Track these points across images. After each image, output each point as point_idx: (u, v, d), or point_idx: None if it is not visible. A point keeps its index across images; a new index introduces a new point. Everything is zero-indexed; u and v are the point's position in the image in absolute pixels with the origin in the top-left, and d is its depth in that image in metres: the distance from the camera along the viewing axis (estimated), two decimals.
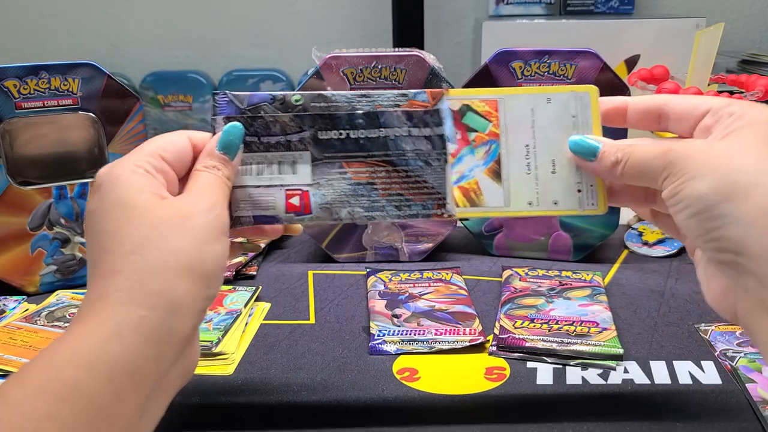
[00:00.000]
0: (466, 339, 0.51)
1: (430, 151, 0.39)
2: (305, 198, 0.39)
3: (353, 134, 0.39)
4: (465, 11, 1.04)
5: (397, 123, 0.39)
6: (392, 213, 0.39)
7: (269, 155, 0.39)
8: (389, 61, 0.63)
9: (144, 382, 0.30)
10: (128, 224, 0.33)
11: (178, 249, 0.32)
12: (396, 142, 0.39)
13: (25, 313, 0.57)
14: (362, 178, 0.39)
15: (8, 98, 0.57)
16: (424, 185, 0.39)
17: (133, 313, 0.31)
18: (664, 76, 0.79)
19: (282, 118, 0.39)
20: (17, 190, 0.60)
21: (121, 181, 0.34)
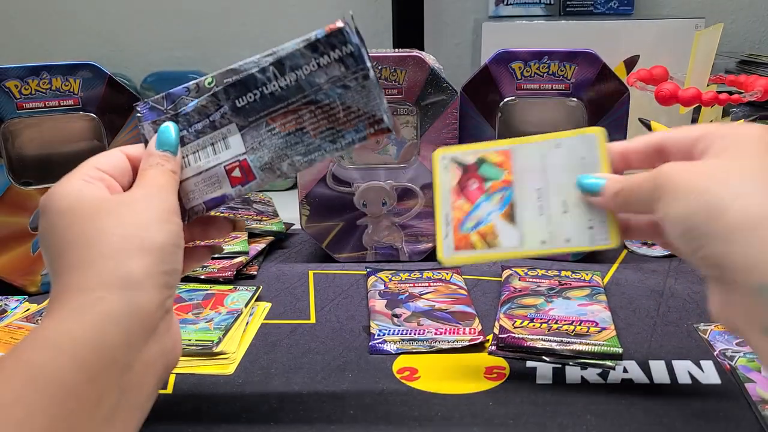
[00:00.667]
0: (466, 338, 0.51)
1: (345, 74, 0.38)
2: (245, 166, 0.40)
3: (267, 89, 0.39)
4: (465, 12, 1.04)
5: (303, 60, 0.38)
6: (329, 149, 0.39)
7: (201, 141, 0.40)
8: (389, 61, 0.63)
9: (112, 361, 0.31)
10: (75, 225, 0.34)
11: (124, 232, 0.34)
12: (309, 80, 0.38)
13: (26, 312, 0.57)
14: (291, 127, 0.39)
15: (9, 99, 0.58)
16: (350, 110, 0.38)
17: (91, 295, 0.32)
18: (663, 76, 0.79)
19: (200, 103, 0.40)
20: (18, 190, 0.60)
21: (62, 194, 0.35)
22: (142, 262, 0.33)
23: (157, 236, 0.34)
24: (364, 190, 0.66)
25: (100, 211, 0.34)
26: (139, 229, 0.34)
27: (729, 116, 0.81)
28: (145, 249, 0.34)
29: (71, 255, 0.33)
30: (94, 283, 0.32)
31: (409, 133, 0.66)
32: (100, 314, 0.31)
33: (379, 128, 0.38)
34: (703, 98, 0.70)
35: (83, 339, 0.30)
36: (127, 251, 0.33)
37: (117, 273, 0.32)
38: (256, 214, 0.80)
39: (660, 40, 0.81)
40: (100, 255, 0.33)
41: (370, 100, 0.38)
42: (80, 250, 0.33)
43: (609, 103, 0.63)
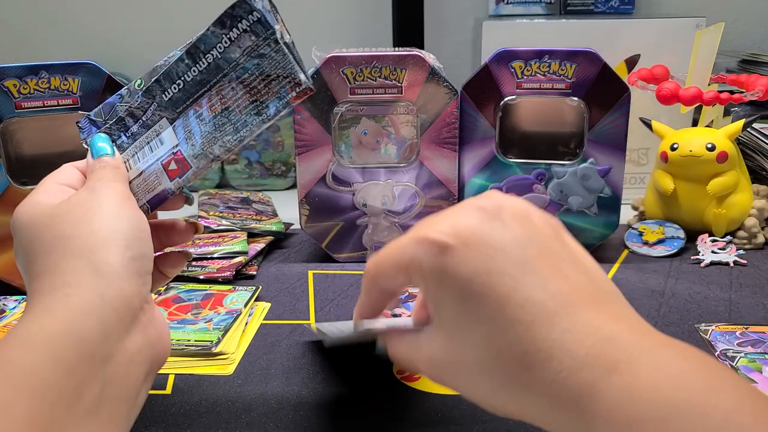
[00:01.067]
0: None
1: (257, 42, 0.37)
2: (179, 157, 0.40)
3: (188, 77, 0.39)
4: (465, 11, 1.04)
5: (215, 39, 0.38)
6: (256, 122, 0.38)
7: (138, 143, 0.41)
8: (389, 60, 0.63)
9: (89, 353, 0.31)
10: (36, 235, 0.35)
11: (80, 231, 0.34)
12: (225, 57, 0.38)
13: None
14: (216, 110, 0.39)
15: (8, 98, 0.57)
16: (269, 78, 0.38)
17: (60, 292, 0.32)
18: (664, 75, 0.79)
19: (132, 106, 0.40)
20: (17, 189, 0.60)
21: (23, 210, 0.37)
22: (107, 253, 0.33)
23: (114, 224, 0.35)
24: (364, 190, 0.66)
25: (54, 217, 0.35)
26: (94, 222, 0.35)
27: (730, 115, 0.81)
28: (107, 240, 0.34)
29: (37, 264, 0.34)
30: (61, 282, 0.32)
31: (409, 133, 0.66)
32: (72, 308, 0.31)
33: (300, 90, 0.37)
34: (704, 97, 0.70)
35: (57, 333, 0.30)
36: (89, 248, 0.33)
37: (83, 268, 0.33)
38: (255, 213, 0.79)
39: (661, 39, 0.81)
40: (63, 257, 0.33)
41: (286, 63, 0.37)
42: (44, 257, 0.34)
43: (610, 102, 0.63)
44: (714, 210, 0.69)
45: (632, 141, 0.68)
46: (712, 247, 0.68)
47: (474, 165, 0.67)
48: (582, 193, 0.65)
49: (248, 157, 0.95)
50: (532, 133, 0.68)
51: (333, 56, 0.63)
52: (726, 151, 0.67)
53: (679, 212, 0.71)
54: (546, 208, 0.66)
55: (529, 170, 0.66)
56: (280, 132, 0.93)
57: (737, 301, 0.58)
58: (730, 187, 0.69)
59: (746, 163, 0.73)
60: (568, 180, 0.65)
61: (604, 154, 0.64)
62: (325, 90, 0.64)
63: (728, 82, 0.82)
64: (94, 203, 0.36)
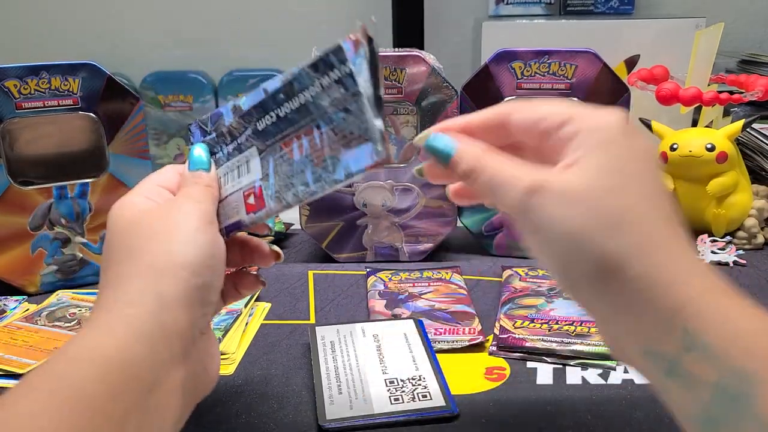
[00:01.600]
0: (466, 339, 0.51)
1: (345, 96, 0.35)
2: (259, 194, 0.38)
3: (281, 112, 0.37)
4: (465, 11, 1.04)
5: (308, 81, 0.36)
6: (329, 180, 0.36)
7: (230, 164, 0.39)
8: (389, 61, 0.63)
9: (137, 379, 0.30)
10: (116, 240, 0.35)
11: (160, 250, 0.34)
12: (315, 103, 0.36)
13: (25, 313, 0.57)
14: (298, 154, 0.37)
15: (9, 98, 0.58)
16: (352, 137, 0.35)
17: (121, 312, 0.32)
18: (664, 76, 0.79)
19: (232, 125, 0.39)
20: (18, 190, 0.60)
21: (116, 207, 0.37)
22: (173, 279, 0.33)
23: (188, 249, 0.34)
24: (364, 190, 0.66)
25: (137, 224, 0.35)
26: (168, 241, 0.34)
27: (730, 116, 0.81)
28: (176, 264, 0.33)
29: (111, 272, 0.34)
30: (125, 301, 0.32)
31: (409, 133, 0.66)
32: (128, 331, 0.31)
33: (377, 158, 0.34)
34: (703, 98, 0.70)
35: (109, 354, 0.30)
36: (158, 267, 0.33)
37: (148, 290, 0.32)
38: None
39: (660, 39, 0.81)
40: (133, 273, 0.33)
41: (370, 124, 0.34)
42: (117, 267, 0.34)
43: (609, 102, 0.63)
44: (714, 210, 0.69)
45: None
46: (711, 248, 0.68)
47: None
48: None
49: None
50: None
51: None
52: (726, 152, 0.67)
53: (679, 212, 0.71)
54: None
55: None
56: None
57: None
58: (729, 187, 0.69)
59: (746, 163, 0.73)
60: None
61: None
62: None
63: (728, 83, 0.82)
64: (175, 222, 0.35)
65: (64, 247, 0.62)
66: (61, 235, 0.62)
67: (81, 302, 0.59)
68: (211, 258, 0.35)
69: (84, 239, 0.63)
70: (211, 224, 0.36)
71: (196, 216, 0.36)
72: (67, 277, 0.63)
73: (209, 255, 0.35)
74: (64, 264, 0.63)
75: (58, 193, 0.61)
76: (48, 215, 0.61)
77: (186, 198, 0.37)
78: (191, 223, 0.35)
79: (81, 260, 0.63)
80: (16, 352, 0.50)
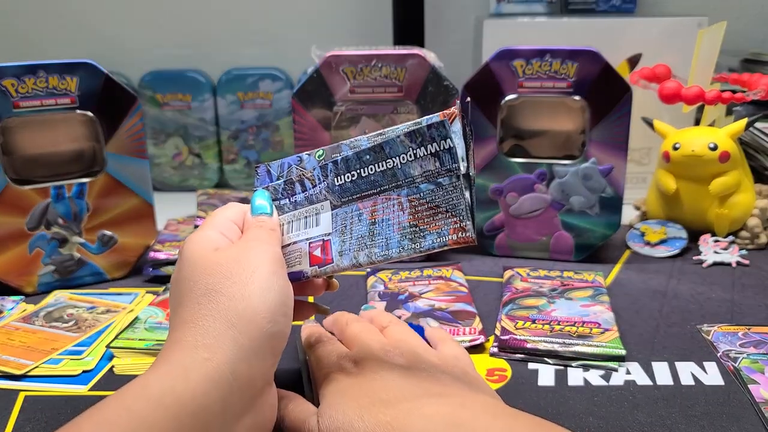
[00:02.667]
0: (467, 339, 0.50)
1: (439, 170, 0.36)
2: (327, 247, 0.38)
3: (363, 172, 0.38)
4: (466, 9, 1.03)
5: (402, 148, 0.37)
6: (407, 248, 0.36)
7: (297, 213, 0.40)
8: (389, 59, 0.62)
9: (207, 426, 0.30)
10: (193, 276, 0.35)
11: (236, 294, 0.34)
12: (404, 170, 0.37)
13: (23, 313, 0.57)
14: (378, 216, 0.37)
15: (6, 97, 0.57)
16: (438, 210, 0.36)
17: (199, 355, 0.32)
18: (666, 75, 0.78)
19: (305, 174, 0.39)
20: (15, 189, 0.59)
21: (191, 241, 0.37)
22: (250, 326, 0.33)
23: (266, 295, 0.34)
24: None
25: (215, 266, 0.35)
26: (248, 286, 0.34)
27: (732, 115, 0.80)
28: (254, 311, 0.33)
29: (186, 310, 0.34)
30: (203, 343, 0.32)
31: None
32: (204, 378, 0.31)
33: (461, 237, 0.35)
34: (706, 97, 0.70)
35: (187, 402, 0.30)
36: (236, 313, 0.33)
37: (225, 334, 0.32)
38: None
39: (663, 38, 0.81)
40: (210, 316, 0.33)
41: (459, 203, 0.35)
42: (194, 306, 0.34)
43: (611, 101, 0.62)
44: (716, 210, 0.69)
45: (634, 140, 0.67)
46: (714, 248, 0.67)
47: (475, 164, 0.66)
48: (583, 193, 0.65)
49: (247, 156, 0.94)
50: (534, 132, 0.68)
51: (333, 55, 0.62)
52: (728, 151, 0.67)
53: (682, 212, 0.71)
54: (547, 208, 0.66)
55: (531, 170, 0.65)
56: (280, 131, 0.93)
57: (740, 301, 0.58)
58: (732, 186, 0.68)
59: (749, 162, 0.73)
60: (570, 180, 0.65)
61: (605, 153, 0.64)
62: (325, 89, 0.64)
63: (730, 82, 0.81)
64: (251, 265, 0.35)
65: (61, 247, 0.62)
66: (58, 235, 0.61)
67: (78, 302, 0.59)
68: (285, 305, 0.35)
69: (81, 239, 0.62)
70: (282, 267, 0.37)
71: (268, 259, 0.36)
72: (65, 277, 0.63)
73: (283, 301, 0.35)
74: (62, 264, 0.62)
75: (55, 193, 0.60)
76: (45, 215, 0.61)
77: (257, 241, 0.37)
78: (266, 266, 0.35)
79: (78, 260, 0.63)
80: (14, 352, 0.50)
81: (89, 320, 0.55)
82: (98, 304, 0.59)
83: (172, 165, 0.94)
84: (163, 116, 0.92)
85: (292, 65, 0.94)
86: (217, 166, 0.95)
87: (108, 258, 0.64)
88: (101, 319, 0.55)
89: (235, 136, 0.93)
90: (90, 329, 0.54)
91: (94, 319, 0.55)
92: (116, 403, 0.30)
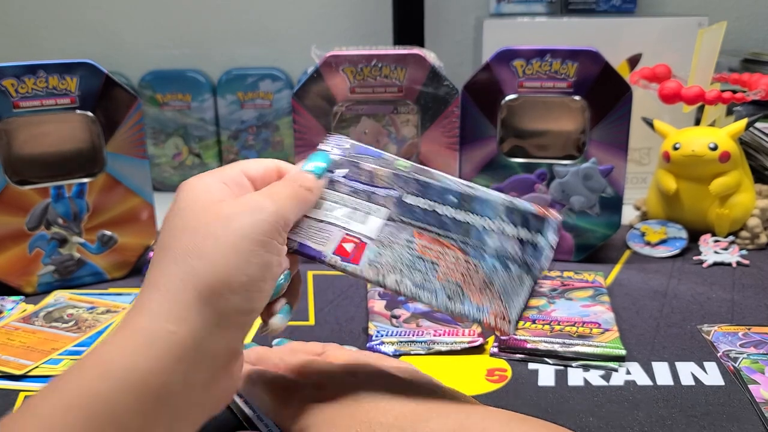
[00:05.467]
0: (465, 340, 0.50)
1: (515, 256, 0.35)
2: (360, 248, 0.37)
3: (440, 210, 0.37)
4: (466, 9, 1.03)
5: (491, 214, 0.36)
6: (441, 300, 0.35)
7: (347, 198, 0.38)
8: (389, 59, 0.62)
9: (169, 402, 0.30)
10: (179, 229, 0.32)
11: (214, 259, 0.31)
12: (480, 234, 0.36)
13: (23, 313, 0.57)
14: (427, 254, 0.36)
15: (6, 97, 0.57)
16: (491, 289, 0.35)
17: (164, 327, 0.30)
18: (666, 74, 0.78)
19: (379, 171, 0.38)
20: (15, 189, 0.59)
21: (189, 186, 0.34)
22: (221, 300, 0.31)
23: (244, 268, 0.31)
24: None
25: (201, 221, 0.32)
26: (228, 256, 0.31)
27: (732, 115, 0.80)
28: (229, 284, 0.31)
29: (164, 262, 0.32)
30: (170, 312, 0.30)
31: (409, 132, 0.66)
32: (168, 352, 0.30)
33: (500, 325, 0.34)
34: (706, 97, 0.69)
35: (150, 379, 0.29)
36: (208, 284, 0.31)
37: (194, 306, 0.30)
38: None
39: (663, 38, 0.80)
40: (183, 280, 0.31)
41: (513, 295, 0.35)
42: (168, 266, 0.31)
43: (611, 101, 0.62)
44: (716, 210, 0.69)
45: (634, 140, 0.67)
46: (714, 248, 0.67)
47: (475, 165, 0.66)
48: (584, 193, 0.65)
49: (247, 156, 0.94)
50: (534, 132, 0.68)
51: (333, 55, 0.62)
52: (728, 151, 0.67)
53: (682, 212, 0.71)
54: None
55: (531, 170, 0.65)
56: (280, 131, 0.93)
57: (740, 301, 0.57)
58: (732, 187, 0.68)
59: (749, 162, 0.73)
60: (570, 180, 0.65)
61: (606, 153, 0.64)
62: (325, 89, 0.64)
63: (731, 82, 0.81)
64: (240, 229, 0.32)
65: (61, 247, 0.62)
66: (58, 235, 0.61)
67: (78, 303, 0.59)
68: (263, 280, 0.33)
69: (81, 239, 0.62)
70: (279, 239, 0.33)
71: (266, 227, 0.32)
72: (65, 277, 0.63)
73: (263, 277, 0.32)
74: (62, 264, 0.62)
75: (55, 193, 0.60)
76: (45, 215, 0.61)
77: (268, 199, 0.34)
78: (258, 237, 0.32)
79: (78, 260, 0.63)
80: (14, 352, 0.50)
81: (89, 320, 0.55)
82: (98, 304, 0.59)
83: (172, 165, 0.94)
84: (163, 116, 0.91)
85: (292, 65, 0.94)
86: (217, 166, 0.95)
87: (108, 258, 0.64)
88: (101, 320, 0.55)
89: (235, 136, 0.93)
90: (90, 329, 0.54)
91: (94, 320, 0.55)
92: (79, 381, 0.29)
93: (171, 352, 0.30)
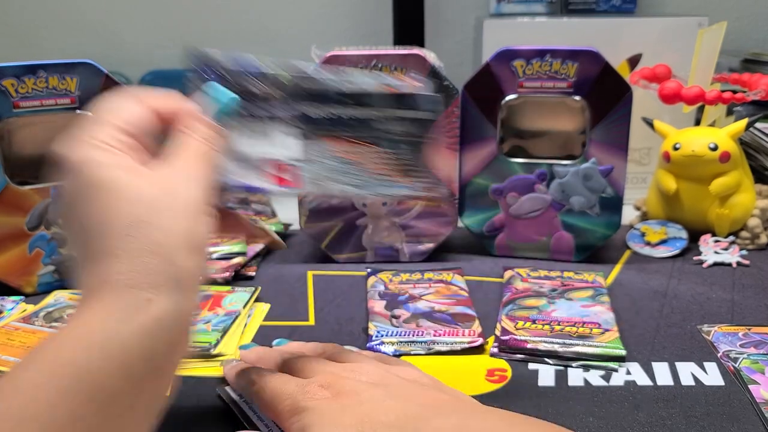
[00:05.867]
0: (465, 341, 0.50)
1: (419, 134, 0.39)
2: (295, 172, 0.39)
3: (344, 114, 0.39)
4: (466, 9, 1.03)
5: (384, 103, 0.39)
6: (380, 191, 0.39)
7: (255, 126, 0.39)
8: (389, 59, 0.62)
9: (157, 368, 0.30)
10: (113, 205, 0.31)
11: (170, 226, 0.31)
12: (385, 124, 0.39)
13: (23, 313, 0.57)
14: (352, 157, 0.39)
15: (6, 97, 0.57)
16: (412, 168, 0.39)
17: (140, 296, 0.30)
18: (666, 75, 0.78)
19: (268, 92, 0.39)
20: (15, 189, 0.59)
21: (92, 161, 0.32)
22: (190, 262, 0.32)
23: (200, 232, 0.32)
24: None
25: (141, 194, 0.31)
26: (184, 223, 0.32)
27: (733, 115, 0.80)
28: (192, 246, 0.32)
29: (110, 236, 0.31)
30: (142, 280, 0.30)
31: None
32: (151, 319, 0.30)
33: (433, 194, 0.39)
34: (706, 97, 0.69)
35: (132, 345, 0.29)
36: (174, 248, 0.31)
37: (166, 272, 0.31)
38: (254, 213, 0.79)
39: (663, 38, 0.81)
40: (147, 249, 0.30)
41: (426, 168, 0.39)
42: (123, 237, 0.30)
43: (611, 101, 0.62)
44: (717, 210, 0.69)
45: (634, 141, 0.67)
46: (714, 248, 0.67)
47: (475, 165, 0.66)
48: (584, 193, 0.65)
49: None
50: (534, 132, 0.68)
51: (332, 55, 0.62)
52: (729, 151, 0.67)
53: (682, 212, 0.71)
54: (547, 209, 0.66)
55: (531, 170, 0.65)
56: None
57: (740, 302, 0.57)
58: (732, 187, 0.68)
59: (749, 163, 0.73)
60: (570, 180, 0.65)
61: (606, 153, 0.64)
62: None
63: (731, 82, 0.81)
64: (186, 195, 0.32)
65: (61, 247, 0.62)
66: (58, 236, 0.61)
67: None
68: (207, 237, 0.34)
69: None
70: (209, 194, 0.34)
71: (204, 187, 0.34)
72: (65, 277, 0.63)
73: (207, 233, 0.34)
74: (62, 264, 0.62)
75: (55, 193, 0.60)
76: (45, 215, 0.61)
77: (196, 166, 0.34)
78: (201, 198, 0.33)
79: None
80: (13, 353, 0.50)
81: None
82: None
83: None
84: None
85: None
86: None
87: None
88: None
89: None
90: None
91: None
92: (58, 353, 0.28)
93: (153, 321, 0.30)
